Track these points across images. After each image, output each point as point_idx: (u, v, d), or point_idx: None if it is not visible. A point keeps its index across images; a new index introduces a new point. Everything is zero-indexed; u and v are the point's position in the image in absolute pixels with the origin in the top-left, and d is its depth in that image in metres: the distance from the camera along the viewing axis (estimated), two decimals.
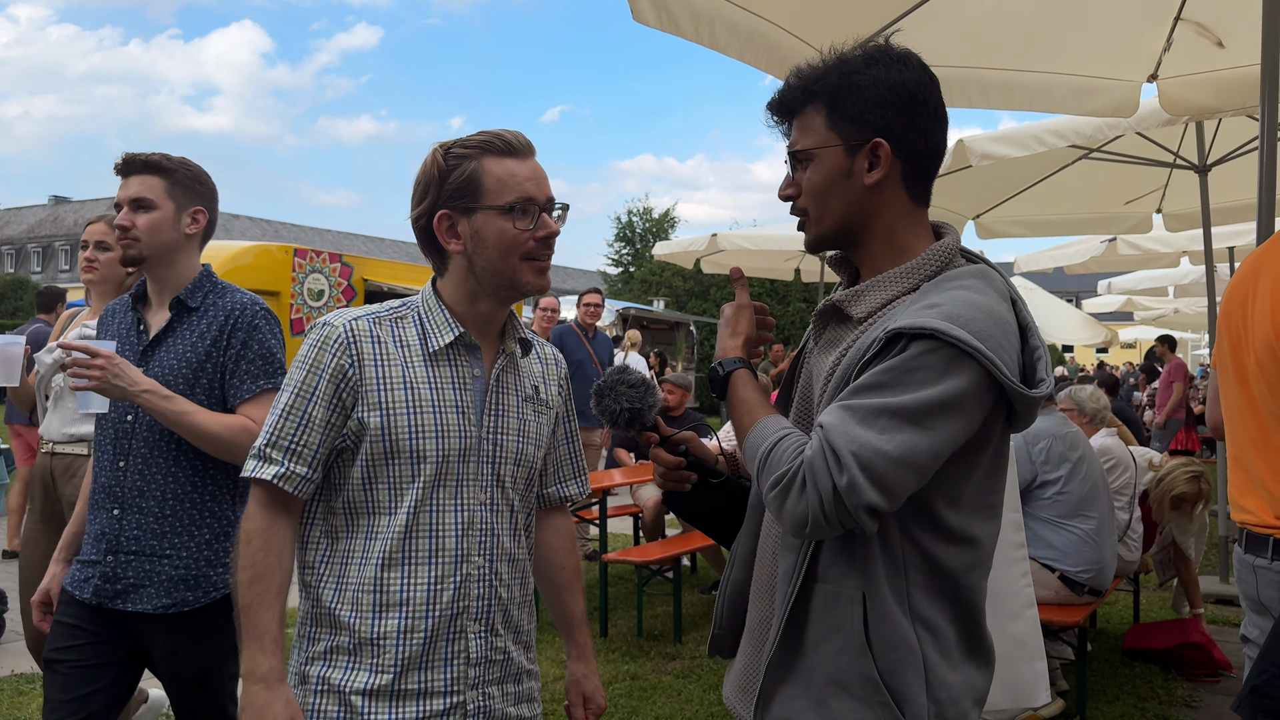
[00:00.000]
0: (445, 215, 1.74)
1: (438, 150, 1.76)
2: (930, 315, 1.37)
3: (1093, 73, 4.99)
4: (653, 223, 41.85)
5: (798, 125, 1.58)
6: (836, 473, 1.33)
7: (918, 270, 1.51)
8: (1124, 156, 6.99)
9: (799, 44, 4.43)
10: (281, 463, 1.68)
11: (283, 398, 1.71)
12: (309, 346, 1.72)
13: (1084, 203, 8.20)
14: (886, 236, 1.55)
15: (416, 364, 1.74)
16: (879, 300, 1.51)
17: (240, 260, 14.40)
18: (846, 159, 1.53)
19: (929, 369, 1.35)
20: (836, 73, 1.53)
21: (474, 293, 1.78)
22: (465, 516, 1.74)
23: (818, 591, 1.47)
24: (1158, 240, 9.45)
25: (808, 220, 1.58)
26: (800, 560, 1.46)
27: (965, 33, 4.77)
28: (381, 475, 1.71)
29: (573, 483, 2.07)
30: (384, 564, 1.69)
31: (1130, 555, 4.88)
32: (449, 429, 1.73)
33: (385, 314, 1.79)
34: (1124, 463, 4.94)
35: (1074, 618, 4.07)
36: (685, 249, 11.22)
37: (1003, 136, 5.84)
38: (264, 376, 2.36)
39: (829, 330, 1.60)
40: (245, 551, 1.68)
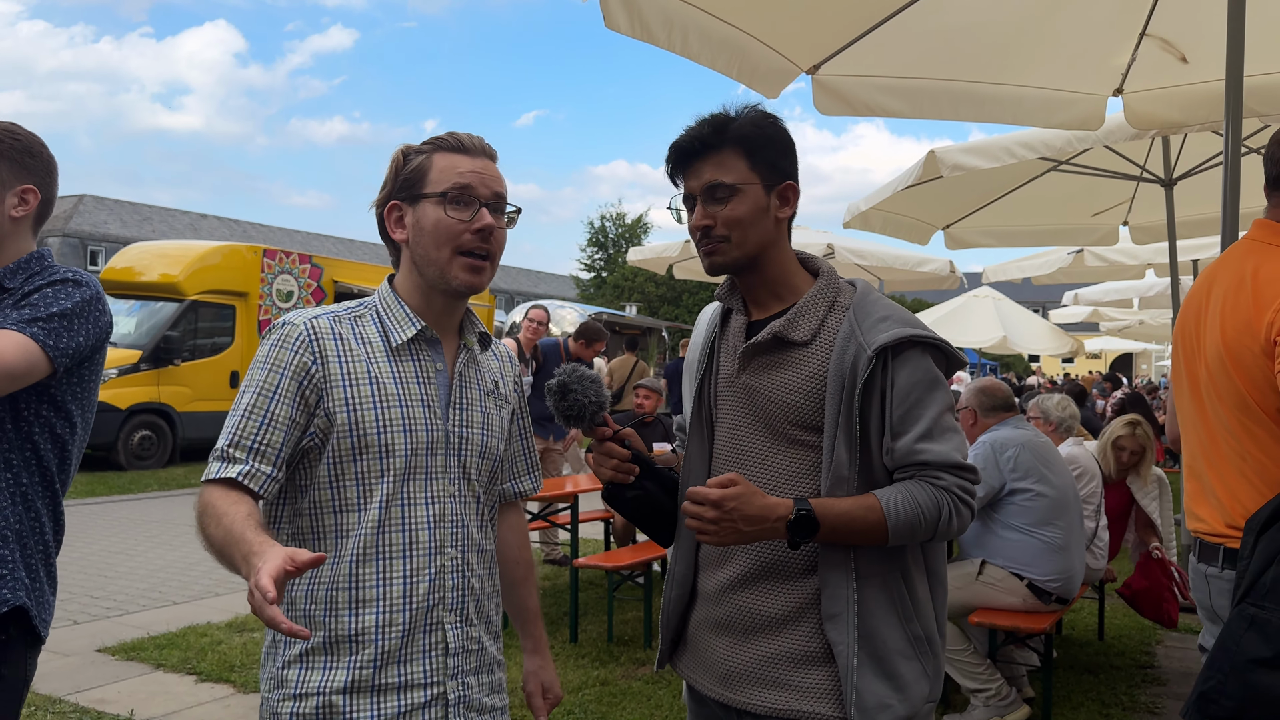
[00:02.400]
0: (395, 205, 1.79)
1: (401, 149, 1.81)
2: (896, 326, 1.75)
3: (1061, 86, 5.04)
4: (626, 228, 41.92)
5: (712, 164, 1.80)
6: (971, 476, 1.76)
7: (825, 291, 1.83)
8: (1092, 169, 7.07)
9: (770, 53, 4.45)
10: (246, 461, 1.66)
11: (243, 399, 1.70)
12: (269, 346, 1.72)
13: (1052, 214, 8.28)
14: (781, 263, 1.86)
15: (380, 359, 1.75)
16: (814, 321, 1.80)
17: (208, 260, 14.36)
18: (765, 196, 1.81)
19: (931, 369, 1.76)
20: (752, 123, 1.80)
21: (421, 286, 1.80)
22: (437, 509, 1.76)
23: (866, 585, 1.74)
24: (1124, 252, 9.56)
25: (727, 245, 1.81)
26: (850, 565, 1.74)
27: (936, 44, 4.80)
28: (349, 472, 1.70)
29: (526, 478, 2.08)
30: (358, 560, 1.69)
31: (1096, 564, 4.94)
32: (416, 422, 1.74)
33: (344, 313, 1.80)
34: (1090, 471, 5.00)
35: (1041, 625, 4.10)
36: (659, 255, 11.22)
37: (973, 148, 5.89)
38: (29, 322, 1.95)
39: (762, 357, 1.83)
40: (207, 518, 1.57)
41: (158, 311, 13.59)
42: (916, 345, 1.75)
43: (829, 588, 1.73)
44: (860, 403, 1.72)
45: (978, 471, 1.77)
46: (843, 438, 1.72)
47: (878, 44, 4.62)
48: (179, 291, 13.61)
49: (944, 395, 1.76)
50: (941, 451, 1.72)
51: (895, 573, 1.76)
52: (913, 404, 1.73)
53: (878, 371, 1.72)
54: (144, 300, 13.86)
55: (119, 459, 12.65)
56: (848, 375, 1.73)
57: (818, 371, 1.77)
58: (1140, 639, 5.80)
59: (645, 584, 5.51)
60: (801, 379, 1.78)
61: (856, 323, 1.77)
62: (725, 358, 1.90)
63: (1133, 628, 6.01)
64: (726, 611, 1.83)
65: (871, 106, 4.88)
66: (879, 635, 1.73)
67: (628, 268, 33.27)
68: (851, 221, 7.71)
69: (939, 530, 1.73)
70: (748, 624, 1.80)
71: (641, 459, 1.85)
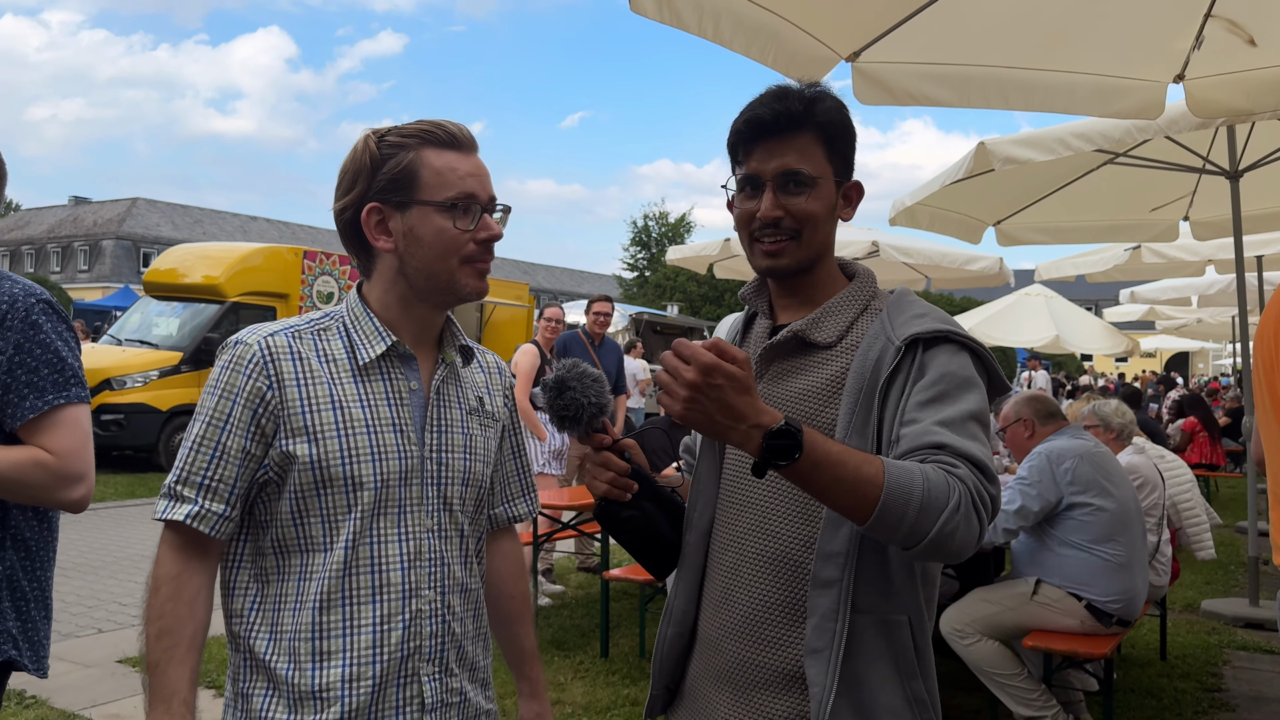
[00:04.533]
0: (375, 209, 1.57)
1: (370, 136, 1.58)
2: (933, 322, 1.51)
3: (1117, 73, 4.75)
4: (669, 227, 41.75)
5: (793, 146, 1.55)
6: (991, 485, 1.39)
7: (860, 294, 1.62)
8: (1151, 162, 6.74)
9: (808, 39, 4.22)
10: (195, 500, 1.50)
11: (194, 428, 1.53)
12: (220, 369, 1.54)
13: (1108, 209, 7.94)
14: (827, 269, 1.65)
15: (345, 380, 1.56)
16: (840, 324, 1.58)
17: (250, 262, 14.37)
18: (835, 194, 1.60)
19: (971, 370, 1.49)
20: (836, 109, 1.57)
21: (405, 297, 1.61)
22: (411, 546, 1.56)
23: (862, 623, 1.47)
24: (1183, 248, 9.15)
25: (796, 244, 1.58)
26: (844, 597, 1.46)
27: (983, 29, 4.55)
28: (313, 508, 1.52)
29: (521, 501, 1.88)
30: (322, 606, 1.51)
31: (1159, 580, 4.64)
32: (387, 450, 1.55)
33: (305, 327, 1.60)
34: (1152, 481, 4.70)
35: (1101, 649, 3.82)
36: (698, 254, 11.02)
37: (1026, 140, 5.60)
38: (52, 389, 1.85)
39: (781, 361, 1.61)
40: (153, 601, 1.50)
41: (199, 313, 13.63)
42: (954, 342, 1.51)
43: (815, 615, 1.46)
44: (880, 399, 1.46)
45: (1000, 486, 1.42)
46: (855, 442, 1.45)
47: (921, 29, 4.38)
48: (220, 293, 13.63)
49: (978, 401, 1.46)
50: (964, 443, 1.39)
51: (901, 616, 1.48)
52: (938, 395, 1.44)
53: (905, 364, 1.47)
54: (186, 302, 13.91)
55: (160, 460, 12.68)
56: (870, 371, 1.49)
57: (839, 375, 1.53)
58: (1206, 659, 5.46)
59: None
60: (821, 385, 1.54)
61: (889, 320, 1.54)
62: None
63: (1197, 646, 5.68)
64: (730, 661, 1.58)
65: (915, 95, 4.62)
66: (866, 684, 1.45)
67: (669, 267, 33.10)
68: (897, 218, 7.43)
69: (939, 525, 1.30)
70: (753, 679, 1.55)
71: (642, 475, 1.63)
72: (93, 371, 11.87)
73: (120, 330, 14.12)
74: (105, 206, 52.65)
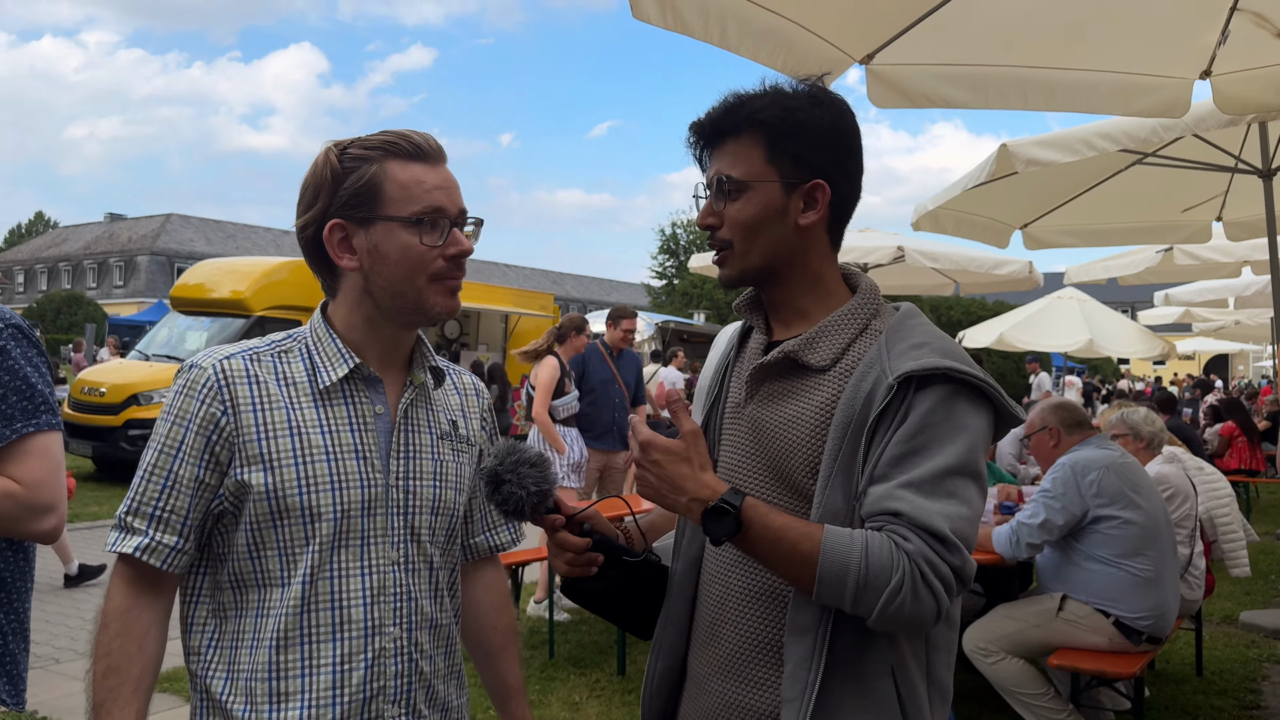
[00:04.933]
0: (338, 225, 1.49)
1: (331, 149, 1.51)
2: (930, 356, 1.38)
3: (1140, 69, 4.60)
4: (697, 234, 41.62)
5: (729, 152, 1.50)
6: (950, 556, 1.30)
7: (860, 312, 1.51)
8: (1182, 161, 6.56)
9: (819, 43, 4.12)
10: (145, 532, 1.43)
11: (146, 455, 1.46)
12: (174, 394, 1.47)
13: (1139, 211, 7.77)
14: (811, 278, 1.54)
15: (304, 405, 1.48)
16: (836, 346, 1.48)
17: (275, 276, 14.44)
18: (783, 196, 1.49)
19: (961, 414, 1.37)
20: (780, 106, 1.49)
21: (371, 317, 1.53)
22: (375, 580, 1.48)
23: (839, 672, 1.38)
24: (1218, 250, 8.93)
25: (731, 254, 1.52)
26: (819, 644, 1.37)
27: (1000, 28, 4.43)
28: (269, 540, 1.45)
29: (504, 529, 1.79)
30: (279, 644, 1.43)
31: (1192, 594, 4.47)
32: (348, 478, 1.47)
33: (266, 349, 1.53)
34: (1183, 491, 4.53)
35: (1130, 669, 3.67)
36: None
37: (1049, 141, 5.47)
38: (21, 417, 1.77)
39: (772, 383, 1.52)
40: (101, 637, 1.43)
41: (226, 328, 13.69)
42: (952, 381, 1.38)
43: (790, 663, 1.38)
44: (868, 440, 1.37)
45: (967, 561, 1.31)
46: (839, 480, 1.38)
47: (937, 29, 4.26)
48: (246, 308, 13.71)
49: (963, 452, 1.35)
50: (923, 509, 1.30)
51: (883, 666, 1.38)
52: (915, 448, 1.34)
53: (895, 404, 1.37)
54: (214, 317, 13.99)
55: None
56: (860, 405, 1.39)
57: (831, 403, 1.43)
58: (1244, 674, 5.27)
59: None
60: (811, 412, 1.45)
61: (886, 347, 1.43)
62: (735, 382, 1.59)
63: (1235, 660, 5.49)
64: (715, 702, 1.50)
65: (931, 97, 4.50)
66: None
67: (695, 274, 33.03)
68: (919, 222, 7.30)
69: (881, 604, 1.28)
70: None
71: (606, 544, 1.53)
72: (120, 387, 11.95)
73: (148, 346, 14.22)
74: (140, 223, 53.40)
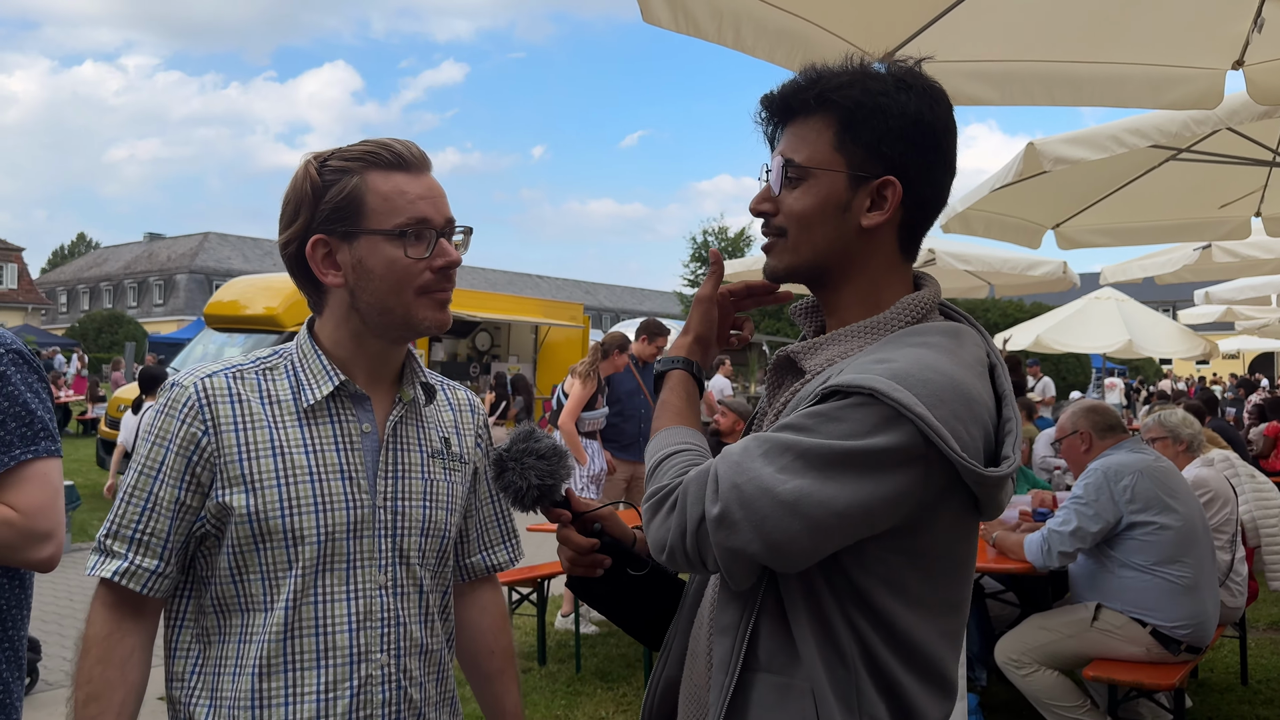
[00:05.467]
0: (320, 241, 1.45)
1: (311, 162, 1.46)
2: (876, 371, 1.20)
3: (1169, 61, 4.48)
4: (728, 241, 41.54)
5: (795, 133, 1.35)
6: (710, 501, 1.20)
7: (884, 326, 1.34)
8: (1217, 156, 6.40)
9: (839, 43, 4.02)
10: (125, 556, 1.40)
11: (128, 477, 1.43)
12: (155, 413, 1.44)
13: (1174, 208, 7.60)
14: (866, 287, 1.37)
15: (288, 423, 1.44)
16: (835, 354, 1.34)
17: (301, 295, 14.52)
18: (847, 189, 1.34)
19: (856, 421, 1.18)
20: (860, 87, 1.33)
21: (358, 333, 1.48)
22: (361, 605, 1.44)
23: (760, 682, 1.25)
24: (1258, 246, 8.72)
25: (782, 244, 1.38)
26: (738, 645, 1.26)
27: (1023, 22, 4.33)
28: (252, 563, 1.41)
29: (501, 549, 1.74)
30: (261, 671, 1.39)
31: (1234, 601, 4.33)
32: (332, 500, 1.42)
33: (250, 367, 1.49)
34: (1222, 495, 4.39)
35: (1169, 679, 3.55)
36: (753, 267, 10.84)
37: (1076, 139, 5.36)
38: (20, 443, 1.73)
39: (781, 385, 1.43)
40: (82, 664, 1.40)
41: (260, 344, 13.77)
42: (880, 403, 1.17)
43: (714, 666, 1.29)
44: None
45: (730, 525, 1.18)
46: None
47: (957, 25, 4.17)
48: (279, 324, 13.80)
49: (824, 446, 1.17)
50: (734, 460, 1.20)
51: (803, 683, 1.21)
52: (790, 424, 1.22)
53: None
54: (247, 333, 14.11)
55: None
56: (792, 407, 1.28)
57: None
58: None
59: None
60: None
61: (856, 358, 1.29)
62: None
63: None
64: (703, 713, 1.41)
65: (954, 95, 4.27)
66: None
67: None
68: (949, 224, 7.18)
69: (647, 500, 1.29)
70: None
71: (617, 547, 1.48)
72: None
73: (183, 363, 14.37)
74: (179, 242, 54.27)
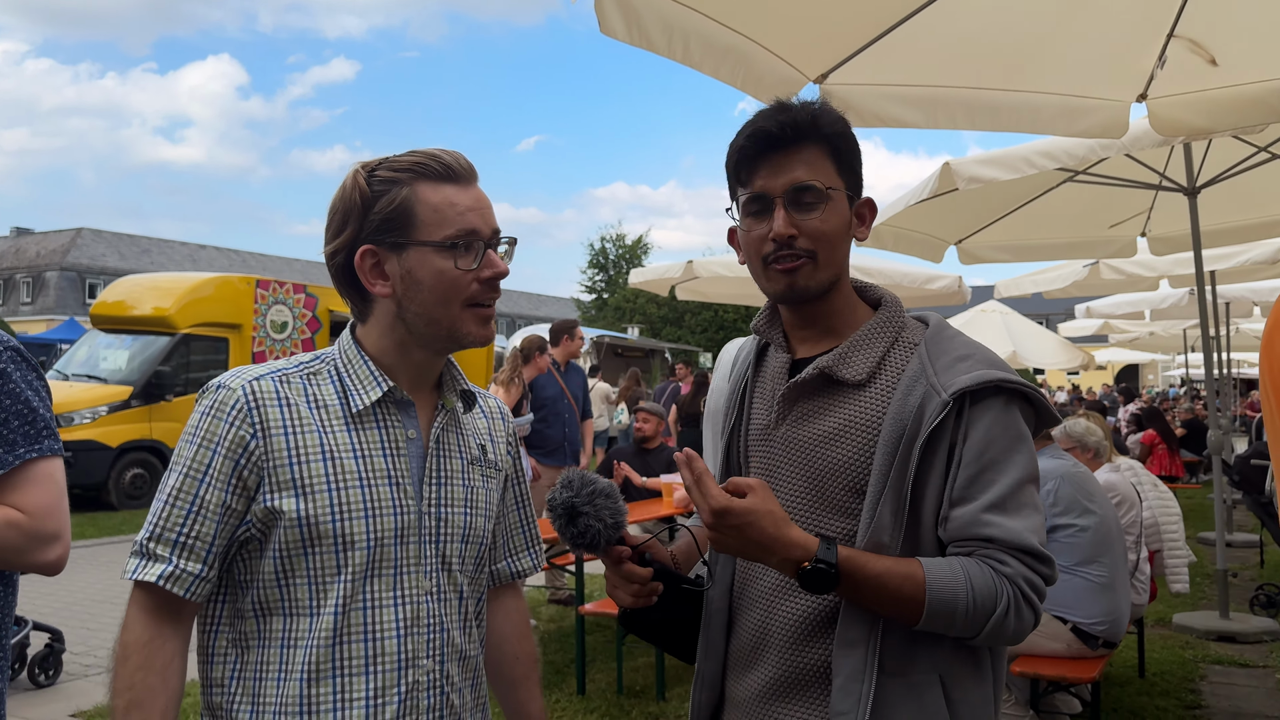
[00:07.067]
0: (369, 251, 1.46)
1: (359, 172, 1.47)
2: (979, 367, 1.43)
3: (1082, 92, 4.76)
4: (626, 249, 41.76)
5: (802, 160, 1.44)
6: (1044, 568, 1.40)
7: (889, 325, 1.52)
8: (1110, 179, 6.79)
9: (776, 61, 4.17)
10: (169, 560, 1.38)
11: (169, 480, 1.41)
12: (200, 415, 1.42)
13: (1068, 226, 8.01)
14: (845, 292, 1.56)
15: (336, 428, 1.45)
16: (870, 360, 1.49)
17: (200, 292, 14.06)
18: (850, 210, 1.51)
19: (1017, 423, 1.44)
20: (838, 119, 1.49)
21: (404, 342, 1.50)
22: (409, 611, 1.45)
23: (890, 683, 1.40)
24: (1141, 264, 9.25)
25: (813, 265, 1.47)
26: (870, 656, 1.40)
27: (950, 50, 4.54)
28: (299, 568, 1.40)
29: (526, 555, 1.76)
30: (310, 677, 1.39)
31: (1139, 599, 4.61)
32: (381, 505, 1.43)
33: (294, 370, 1.49)
34: (1129, 499, 4.68)
35: (1089, 673, 3.77)
36: (660, 276, 10.95)
37: (990, 159, 5.62)
38: (24, 442, 1.70)
39: (806, 401, 1.51)
40: (122, 671, 1.37)
41: (149, 346, 13.30)
42: (1003, 393, 1.42)
43: (841, 676, 1.40)
44: (921, 456, 1.39)
45: (1054, 565, 1.42)
46: (890, 496, 1.40)
47: (888, 51, 4.36)
48: (170, 325, 13.32)
49: (1027, 460, 1.43)
50: (1014, 529, 1.37)
51: (930, 674, 1.41)
52: (986, 465, 1.39)
53: (950, 421, 1.40)
54: (136, 334, 13.57)
55: (110, 499, 12.32)
56: (910, 421, 1.40)
57: (874, 419, 1.44)
58: (1183, 675, 5.45)
59: None
60: (855, 428, 1.45)
61: (929, 360, 1.45)
62: (760, 405, 1.58)
63: (1174, 662, 5.67)
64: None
65: (882, 117, 4.59)
66: None
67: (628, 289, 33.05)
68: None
69: (989, 628, 1.36)
70: None
71: (665, 573, 1.53)
72: None
73: (67, 365, 13.73)
74: (49, 237, 51.53)
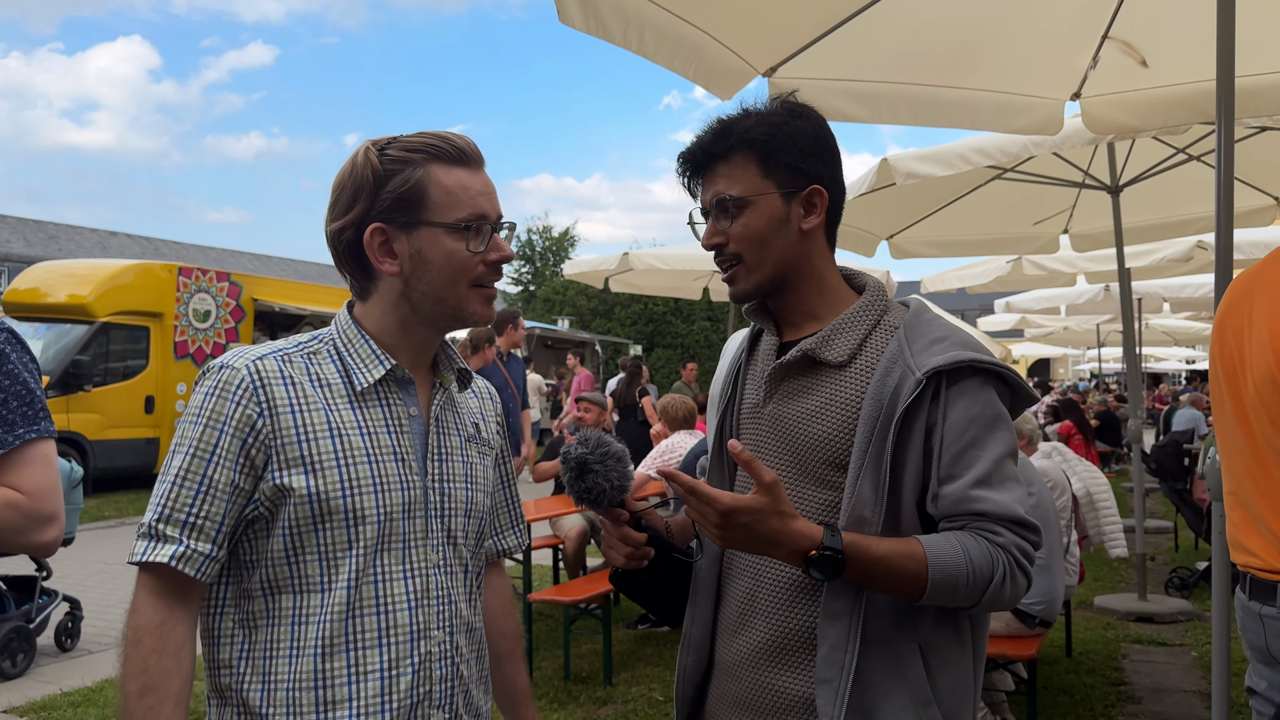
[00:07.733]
0: (379, 229, 1.46)
1: (370, 149, 1.47)
2: (954, 349, 1.49)
3: (1020, 90, 4.92)
4: (553, 241, 41.64)
5: (722, 174, 1.60)
6: (1032, 535, 1.47)
7: (871, 309, 1.59)
8: (1037, 176, 7.00)
9: (728, 54, 4.23)
10: (180, 540, 1.37)
11: (174, 461, 1.40)
12: (204, 395, 1.41)
13: (994, 223, 8.23)
14: (818, 280, 1.62)
15: (341, 406, 1.45)
16: (852, 342, 1.56)
17: (120, 280, 13.66)
18: (783, 205, 1.58)
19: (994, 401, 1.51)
20: (765, 123, 1.57)
21: (406, 320, 1.51)
22: (419, 583, 1.47)
23: (872, 651, 1.46)
24: (1062, 260, 9.58)
25: (741, 267, 1.60)
26: (853, 626, 1.46)
27: (895, 47, 4.64)
28: (309, 544, 1.40)
29: (511, 533, 1.79)
30: (324, 652, 1.39)
31: (1070, 580, 4.80)
32: (389, 481, 1.45)
33: (294, 350, 1.49)
34: (1061, 484, 4.87)
35: (1027, 650, 3.93)
36: (595, 268, 10.98)
37: (928, 156, 5.75)
38: (22, 423, 1.69)
39: (791, 380, 1.60)
40: (134, 654, 1.36)
41: (65, 334, 12.88)
42: (979, 373, 1.49)
43: (825, 646, 1.46)
44: (897, 434, 1.46)
45: (1041, 532, 1.50)
46: (870, 471, 1.46)
47: (836, 47, 4.44)
48: (88, 313, 12.92)
49: (1007, 436, 1.50)
50: (1002, 502, 1.44)
51: (911, 644, 1.48)
52: (969, 443, 1.46)
53: (925, 400, 1.46)
54: (50, 323, 13.13)
55: None
56: (887, 400, 1.47)
57: (854, 398, 1.51)
58: (1107, 654, 5.69)
59: (604, 617, 5.22)
60: (835, 406, 1.52)
61: (906, 342, 1.52)
62: (751, 385, 1.66)
63: (1097, 642, 5.91)
64: (747, 688, 1.56)
65: (828, 111, 4.64)
66: (878, 715, 1.45)
67: (558, 281, 32.97)
68: None
69: (987, 596, 1.43)
70: (771, 704, 1.53)
71: (659, 540, 1.62)
72: None
73: None
74: None
